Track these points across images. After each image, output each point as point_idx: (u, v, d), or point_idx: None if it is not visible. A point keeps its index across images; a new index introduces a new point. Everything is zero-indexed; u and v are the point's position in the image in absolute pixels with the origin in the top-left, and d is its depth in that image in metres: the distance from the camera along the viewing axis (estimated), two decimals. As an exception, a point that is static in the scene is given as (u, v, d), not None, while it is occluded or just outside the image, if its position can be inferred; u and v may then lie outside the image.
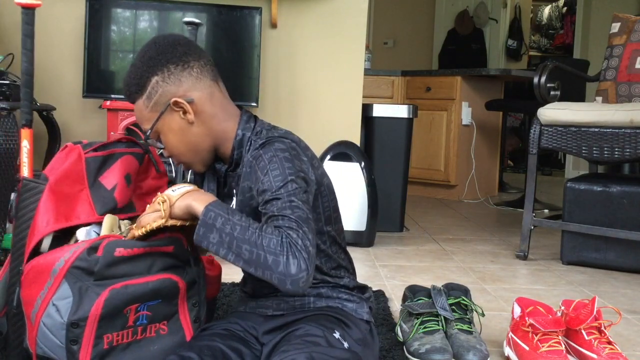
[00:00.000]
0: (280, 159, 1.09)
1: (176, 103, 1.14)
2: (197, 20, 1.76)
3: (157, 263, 1.15)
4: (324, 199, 1.21)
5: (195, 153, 1.18)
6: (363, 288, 1.31)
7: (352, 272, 1.32)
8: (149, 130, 1.15)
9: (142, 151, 1.34)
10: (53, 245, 1.16)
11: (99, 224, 1.19)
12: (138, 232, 1.11)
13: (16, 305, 1.18)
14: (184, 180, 1.11)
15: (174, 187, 1.12)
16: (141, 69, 1.14)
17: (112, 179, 1.26)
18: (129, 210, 1.27)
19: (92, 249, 1.10)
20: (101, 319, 1.07)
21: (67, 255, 1.10)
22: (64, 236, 1.18)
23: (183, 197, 1.07)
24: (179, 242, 1.19)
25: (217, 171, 1.25)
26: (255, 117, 1.22)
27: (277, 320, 1.19)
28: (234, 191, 1.21)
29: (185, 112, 1.14)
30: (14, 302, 1.17)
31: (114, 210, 1.22)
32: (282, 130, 1.20)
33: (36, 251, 1.15)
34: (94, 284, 1.08)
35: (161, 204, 1.08)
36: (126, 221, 1.22)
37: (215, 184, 1.27)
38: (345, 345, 1.11)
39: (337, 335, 1.11)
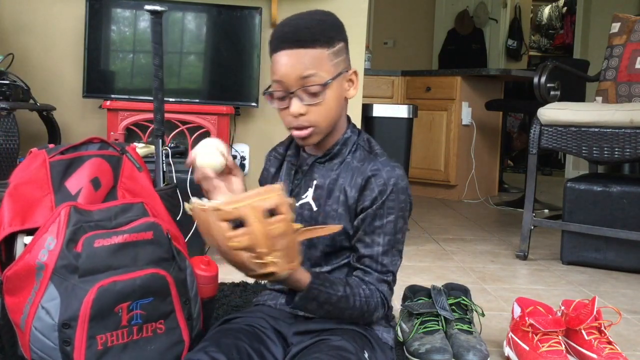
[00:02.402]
0: (397, 190, 1.16)
1: (354, 74, 1.19)
2: (159, 8, 1.52)
3: (141, 255, 1.13)
4: None
5: (332, 121, 1.18)
6: (391, 315, 1.31)
7: None
8: (329, 80, 1.13)
9: (117, 153, 1.30)
10: None
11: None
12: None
13: (1, 316, 1.15)
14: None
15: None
16: (331, 28, 1.15)
17: (77, 183, 1.22)
18: None
19: (71, 241, 1.08)
20: (91, 318, 1.05)
21: (42, 257, 1.08)
22: None
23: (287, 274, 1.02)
24: (158, 228, 1.17)
25: (303, 160, 1.24)
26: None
27: (309, 323, 1.17)
28: (314, 182, 1.21)
29: (350, 86, 1.18)
30: None
31: None
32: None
33: (10, 256, 1.14)
34: (79, 280, 1.07)
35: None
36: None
37: (292, 176, 1.24)
38: None
39: (366, 355, 1.11)
